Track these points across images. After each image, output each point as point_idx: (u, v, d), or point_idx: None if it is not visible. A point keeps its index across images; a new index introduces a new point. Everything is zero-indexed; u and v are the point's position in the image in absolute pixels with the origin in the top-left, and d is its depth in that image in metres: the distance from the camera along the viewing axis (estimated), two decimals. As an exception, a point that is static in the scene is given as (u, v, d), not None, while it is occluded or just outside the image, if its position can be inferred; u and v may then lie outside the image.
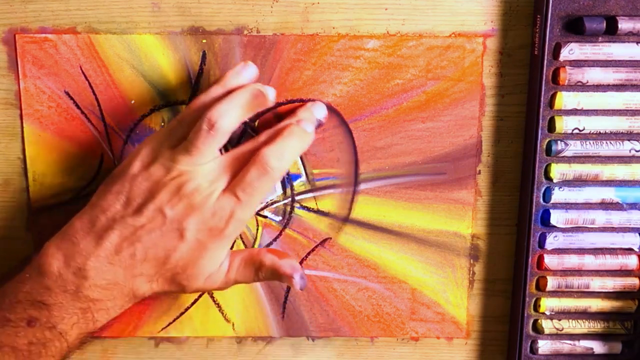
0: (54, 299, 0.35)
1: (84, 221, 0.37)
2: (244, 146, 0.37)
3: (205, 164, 0.36)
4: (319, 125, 0.40)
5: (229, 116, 0.36)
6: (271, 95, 0.38)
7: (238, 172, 0.36)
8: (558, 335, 0.44)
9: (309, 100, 0.41)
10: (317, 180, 0.43)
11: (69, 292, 0.35)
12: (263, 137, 0.38)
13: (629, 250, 0.43)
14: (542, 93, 0.40)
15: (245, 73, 0.38)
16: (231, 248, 0.44)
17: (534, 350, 0.44)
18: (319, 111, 0.41)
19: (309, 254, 0.44)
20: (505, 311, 0.45)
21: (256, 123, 0.42)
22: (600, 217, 0.42)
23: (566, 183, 0.42)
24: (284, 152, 0.36)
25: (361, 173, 0.43)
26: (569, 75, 0.40)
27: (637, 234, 0.42)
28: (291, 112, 0.40)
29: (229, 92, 0.37)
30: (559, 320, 0.44)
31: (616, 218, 0.42)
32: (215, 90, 0.38)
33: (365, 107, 0.42)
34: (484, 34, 0.41)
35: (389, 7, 0.40)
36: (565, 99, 0.40)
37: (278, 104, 0.42)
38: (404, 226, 0.44)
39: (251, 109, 0.37)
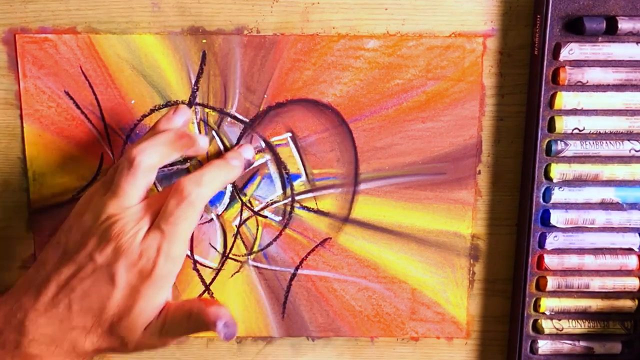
0: None
1: (27, 277, 0.36)
2: (169, 186, 0.37)
3: (133, 206, 0.36)
4: (249, 164, 0.41)
5: (149, 153, 0.36)
6: (201, 142, 0.38)
7: None
8: (558, 335, 0.44)
9: (305, 98, 0.42)
10: (317, 180, 0.43)
11: (9, 349, 0.35)
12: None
13: (629, 250, 0.43)
14: (542, 93, 0.40)
15: (175, 117, 0.39)
16: (229, 251, 0.44)
17: (534, 350, 0.44)
18: (246, 152, 0.41)
19: (309, 254, 0.44)
20: (505, 311, 0.45)
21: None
22: (600, 217, 0.42)
23: (566, 183, 0.42)
24: (202, 178, 0.36)
25: (361, 173, 0.43)
26: (569, 75, 0.40)
27: (637, 234, 0.42)
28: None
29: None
30: (559, 320, 0.44)
31: (616, 218, 0.42)
32: (147, 136, 0.38)
33: (365, 107, 0.42)
34: (484, 34, 0.41)
35: (389, 7, 0.40)
36: (565, 99, 0.40)
37: (278, 104, 0.42)
38: (404, 226, 0.44)
39: (175, 148, 0.37)
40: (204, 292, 0.44)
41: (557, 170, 0.41)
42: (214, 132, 0.42)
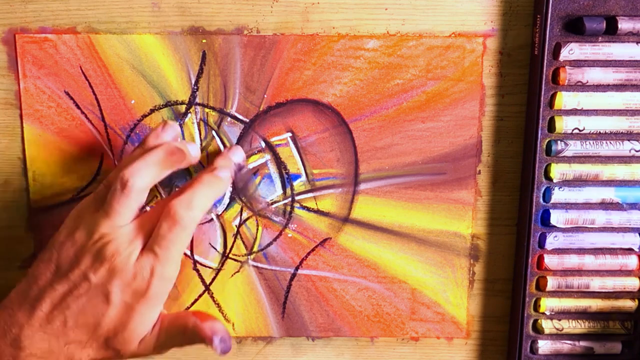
0: None
1: (19, 292, 0.36)
2: (159, 203, 0.37)
3: (125, 226, 0.36)
4: (240, 168, 0.41)
5: (142, 174, 0.36)
6: (193, 152, 0.38)
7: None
8: (558, 335, 0.44)
9: (305, 98, 0.42)
10: (317, 180, 0.43)
11: None
12: (177, 190, 0.38)
13: (629, 250, 0.43)
14: (542, 93, 0.40)
15: (164, 134, 0.39)
16: (229, 251, 0.44)
17: (534, 350, 0.44)
18: (236, 156, 0.41)
19: (309, 254, 0.44)
20: (505, 311, 0.45)
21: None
22: (600, 217, 0.42)
23: (566, 183, 0.42)
24: (192, 201, 0.36)
25: (361, 173, 0.43)
26: (569, 75, 0.40)
27: (637, 234, 0.42)
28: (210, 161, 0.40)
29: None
30: (559, 320, 0.44)
31: (616, 218, 0.42)
32: (136, 152, 0.38)
33: (365, 107, 0.42)
34: (484, 34, 0.41)
35: (389, 7, 0.40)
36: (565, 99, 0.40)
37: (278, 104, 0.42)
38: (404, 226, 0.44)
39: (167, 166, 0.37)
40: (204, 292, 0.44)
41: (557, 170, 0.41)
42: (214, 132, 0.42)
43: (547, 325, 0.43)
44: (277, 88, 0.41)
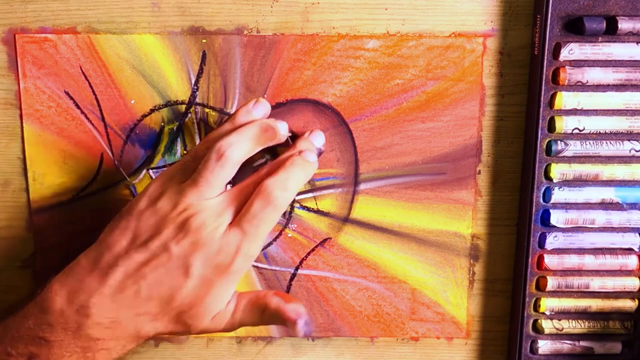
0: (55, 336, 0.34)
1: (89, 258, 0.36)
2: (248, 179, 0.37)
3: (213, 199, 0.35)
4: (320, 153, 0.41)
5: (238, 147, 0.36)
6: (282, 130, 0.38)
7: (243, 205, 0.35)
8: (558, 335, 0.44)
9: (305, 98, 0.42)
10: (317, 180, 0.43)
11: (71, 330, 0.34)
12: (266, 169, 0.37)
13: (629, 250, 0.43)
14: (542, 93, 0.40)
15: (255, 111, 0.38)
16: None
17: (534, 350, 0.44)
18: (318, 140, 0.41)
19: (309, 254, 0.44)
20: (505, 311, 0.45)
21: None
22: (600, 217, 0.42)
23: (566, 183, 0.42)
24: (288, 182, 0.36)
25: (361, 173, 0.43)
26: (568, 75, 0.40)
27: (637, 234, 0.42)
28: (293, 143, 0.40)
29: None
30: (559, 320, 0.44)
31: (616, 218, 0.42)
32: (226, 127, 0.38)
33: (365, 107, 0.42)
34: (484, 34, 0.41)
35: (389, 7, 0.40)
36: (565, 99, 0.40)
37: (278, 104, 0.42)
38: (404, 226, 0.44)
39: (260, 142, 0.37)
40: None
41: (557, 170, 0.41)
42: (214, 132, 0.42)
43: (547, 325, 0.43)
44: (277, 88, 0.41)
